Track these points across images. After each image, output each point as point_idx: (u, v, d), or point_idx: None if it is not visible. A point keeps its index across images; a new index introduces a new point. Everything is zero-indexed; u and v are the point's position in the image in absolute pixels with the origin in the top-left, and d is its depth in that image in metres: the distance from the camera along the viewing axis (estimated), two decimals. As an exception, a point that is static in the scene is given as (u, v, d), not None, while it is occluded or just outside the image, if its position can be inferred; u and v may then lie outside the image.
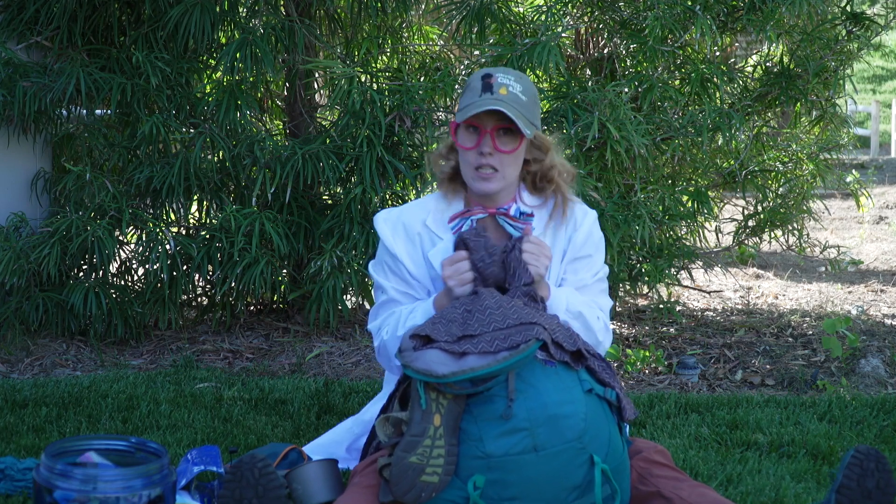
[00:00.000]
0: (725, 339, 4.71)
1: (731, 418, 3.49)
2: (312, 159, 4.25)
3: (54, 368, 4.19)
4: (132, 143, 4.45)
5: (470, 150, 2.60)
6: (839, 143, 5.12)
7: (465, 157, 2.62)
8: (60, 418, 3.42)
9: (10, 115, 4.38)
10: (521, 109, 2.58)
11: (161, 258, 4.29)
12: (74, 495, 2.42)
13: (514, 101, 2.57)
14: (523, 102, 2.59)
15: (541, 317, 2.42)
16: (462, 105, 2.60)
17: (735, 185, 5.03)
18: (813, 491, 2.86)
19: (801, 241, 5.18)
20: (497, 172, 2.60)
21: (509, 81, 2.60)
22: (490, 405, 2.32)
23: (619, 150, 4.12)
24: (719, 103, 4.56)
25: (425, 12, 5.07)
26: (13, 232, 4.37)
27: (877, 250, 7.65)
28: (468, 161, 2.61)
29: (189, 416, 3.46)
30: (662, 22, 4.22)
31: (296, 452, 2.88)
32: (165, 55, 4.41)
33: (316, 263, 4.25)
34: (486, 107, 2.53)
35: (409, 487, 2.28)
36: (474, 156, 2.60)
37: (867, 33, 4.65)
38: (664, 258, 4.58)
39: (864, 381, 4.10)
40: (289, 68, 4.68)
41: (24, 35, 4.47)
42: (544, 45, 4.11)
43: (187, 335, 4.59)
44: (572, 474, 2.33)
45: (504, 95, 2.56)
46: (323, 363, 4.32)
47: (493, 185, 2.61)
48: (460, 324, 2.41)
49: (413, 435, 2.30)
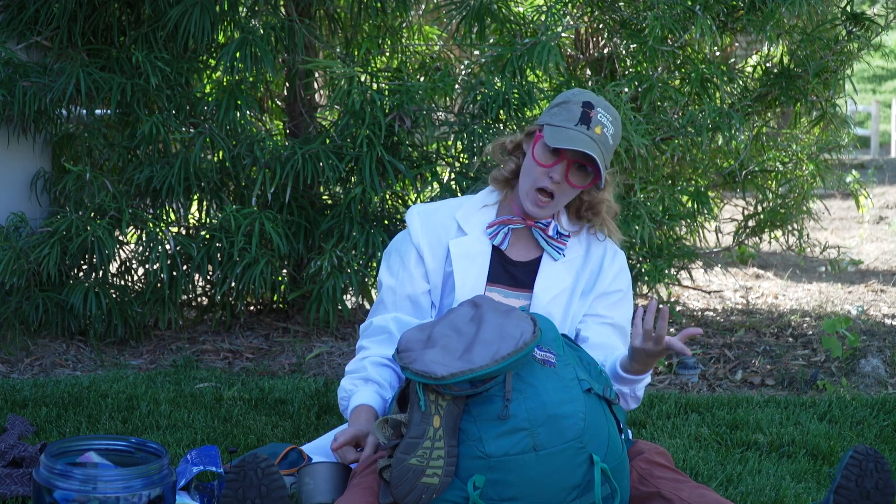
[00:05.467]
0: (725, 339, 4.71)
1: (731, 418, 3.49)
2: (312, 159, 4.26)
3: (54, 368, 4.19)
4: (132, 143, 4.45)
5: (542, 168, 2.59)
6: (839, 144, 5.12)
7: (531, 171, 2.61)
8: (60, 418, 3.42)
9: (9, 114, 4.38)
10: (607, 155, 2.58)
11: (161, 258, 4.29)
12: (74, 495, 2.42)
13: (604, 144, 2.57)
14: (610, 147, 2.59)
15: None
16: (555, 122, 2.57)
17: (735, 185, 5.03)
18: (813, 491, 2.86)
19: (801, 241, 5.18)
20: (553, 200, 2.60)
21: (606, 122, 2.58)
22: (489, 405, 2.32)
23: (619, 150, 4.12)
24: (719, 103, 4.56)
25: (425, 12, 5.07)
26: (13, 232, 4.37)
27: (877, 250, 7.65)
28: (533, 176, 2.60)
29: (189, 416, 3.46)
30: (662, 22, 4.22)
31: (296, 452, 2.88)
32: (165, 55, 4.41)
33: (316, 263, 4.25)
34: (579, 147, 2.51)
35: (410, 489, 2.28)
36: (542, 176, 2.59)
37: (867, 33, 4.65)
38: (664, 258, 4.58)
39: (864, 381, 4.10)
40: (289, 68, 4.68)
41: (24, 35, 4.47)
42: (544, 45, 4.11)
43: (187, 335, 4.59)
44: (572, 474, 2.33)
45: (598, 136, 2.55)
46: (323, 363, 4.32)
47: (544, 211, 2.63)
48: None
49: (412, 437, 2.30)
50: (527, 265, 2.70)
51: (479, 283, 2.65)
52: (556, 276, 2.68)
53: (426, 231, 2.71)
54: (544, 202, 2.61)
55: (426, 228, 2.71)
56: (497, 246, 2.68)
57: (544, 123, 2.61)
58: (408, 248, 2.71)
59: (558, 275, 2.68)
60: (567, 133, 2.55)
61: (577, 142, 2.53)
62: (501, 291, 2.66)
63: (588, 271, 2.72)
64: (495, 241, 2.68)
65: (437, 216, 2.73)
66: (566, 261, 2.69)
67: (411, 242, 2.71)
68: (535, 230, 2.67)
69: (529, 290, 2.67)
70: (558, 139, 2.54)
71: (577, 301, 2.71)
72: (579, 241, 2.73)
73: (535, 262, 2.70)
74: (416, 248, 2.70)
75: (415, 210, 2.75)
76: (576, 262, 2.71)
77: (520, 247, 2.70)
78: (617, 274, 2.73)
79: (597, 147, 2.55)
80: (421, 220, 2.72)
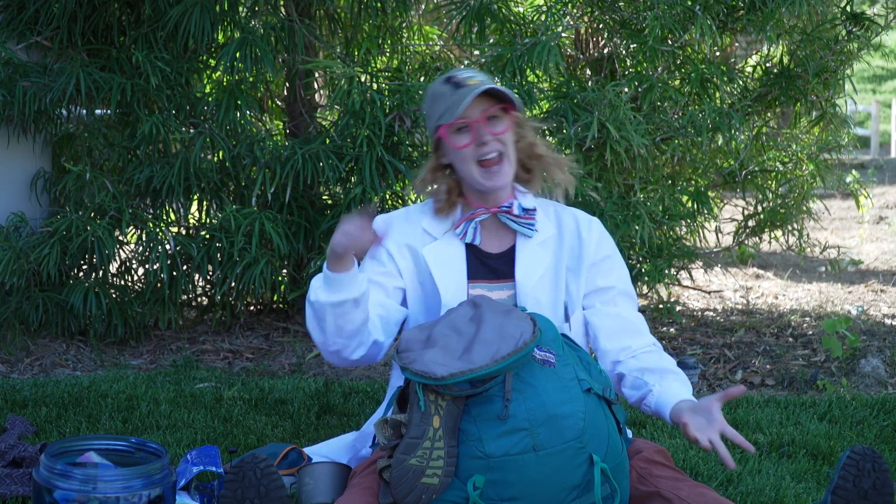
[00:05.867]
0: (725, 339, 4.71)
1: (731, 418, 3.49)
2: (312, 159, 4.26)
3: (54, 368, 4.19)
4: (132, 143, 4.45)
5: (468, 147, 2.59)
6: (839, 144, 5.12)
7: (463, 157, 2.60)
8: (60, 418, 3.42)
9: (9, 114, 4.38)
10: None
11: (161, 258, 4.29)
12: (74, 495, 2.42)
13: (487, 81, 2.57)
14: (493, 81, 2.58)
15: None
16: (440, 111, 2.58)
17: (735, 185, 5.03)
18: (813, 491, 2.86)
19: (801, 241, 5.18)
20: (500, 161, 2.59)
21: (472, 73, 2.60)
22: (489, 405, 2.32)
23: (619, 150, 4.13)
24: (719, 103, 4.56)
25: (425, 12, 5.07)
26: (13, 232, 4.37)
27: (877, 250, 7.65)
28: (468, 159, 2.59)
29: (189, 416, 3.46)
30: (662, 22, 4.23)
31: (296, 452, 2.88)
32: (165, 55, 4.41)
33: (316, 263, 4.25)
34: (471, 98, 2.52)
35: (410, 489, 2.28)
36: (474, 151, 2.58)
37: (867, 33, 4.66)
38: (664, 258, 4.58)
39: (864, 381, 4.10)
40: (289, 68, 4.68)
41: (24, 35, 4.47)
42: (544, 45, 4.11)
43: (187, 335, 4.60)
44: (572, 474, 2.33)
45: (477, 83, 2.56)
46: (323, 363, 4.32)
47: (503, 173, 2.60)
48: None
49: (412, 437, 2.30)
50: (503, 255, 2.68)
51: (460, 284, 2.64)
52: (535, 258, 2.66)
53: (394, 235, 2.69)
54: (494, 168, 2.60)
55: (394, 233, 2.70)
56: (470, 243, 2.67)
57: (437, 124, 2.61)
58: (377, 250, 2.69)
59: (536, 256, 2.66)
60: (454, 103, 2.54)
61: (466, 98, 2.53)
62: (484, 286, 2.65)
63: (567, 246, 2.69)
64: (466, 238, 2.66)
65: (403, 224, 2.71)
66: (542, 242, 2.67)
67: (380, 246, 2.68)
68: (501, 215, 2.66)
69: (512, 280, 2.66)
70: (454, 111, 2.54)
71: (570, 280, 2.69)
72: (548, 218, 2.71)
73: (511, 249, 2.68)
74: (386, 249, 2.68)
75: (378, 219, 2.73)
76: (551, 240, 2.69)
77: (492, 238, 2.69)
78: (599, 240, 2.71)
79: (483, 85, 2.55)
80: (385, 221, 2.71)
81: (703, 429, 2.36)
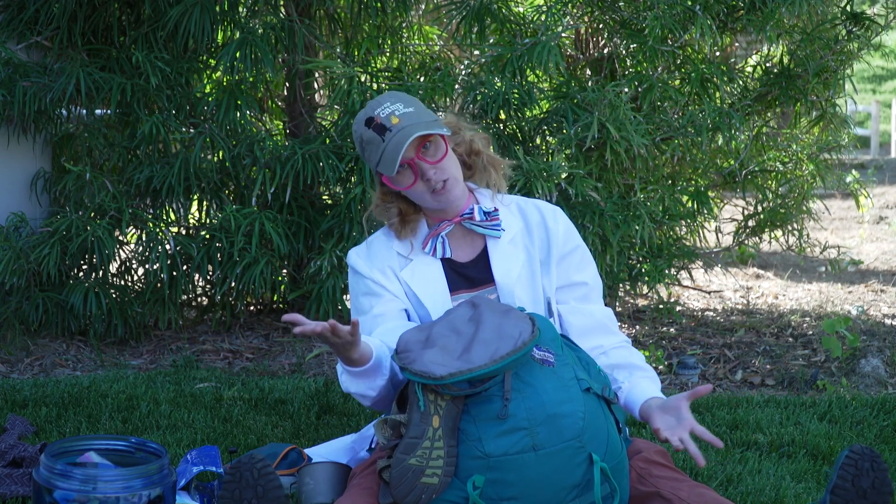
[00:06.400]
0: (725, 339, 4.71)
1: (731, 418, 3.49)
2: (312, 159, 4.26)
3: (54, 368, 4.19)
4: (132, 143, 4.45)
5: (416, 184, 2.60)
6: (839, 144, 5.12)
7: (415, 194, 2.61)
8: (60, 418, 3.42)
9: (9, 115, 4.38)
10: (422, 118, 2.58)
11: (161, 258, 4.29)
12: (74, 495, 2.42)
13: (410, 118, 2.56)
14: (414, 113, 2.58)
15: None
16: (375, 158, 2.58)
17: (735, 185, 5.03)
18: (813, 491, 2.86)
19: (801, 241, 5.18)
20: (446, 185, 2.60)
21: (390, 108, 2.58)
22: (488, 405, 2.32)
23: (619, 150, 4.13)
24: (719, 103, 4.56)
25: (425, 12, 5.07)
26: (13, 232, 4.37)
27: (877, 250, 7.65)
28: (420, 193, 2.60)
29: (189, 416, 3.46)
30: (662, 22, 4.23)
31: (296, 452, 2.88)
32: (165, 55, 4.41)
33: (316, 263, 4.25)
34: (401, 152, 2.52)
35: (409, 489, 2.28)
36: (423, 185, 2.59)
37: (867, 33, 4.66)
38: (664, 258, 4.58)
39: (864, 381, 4.10)
40: (289, 68, 4.69)
41: (24, 35, 4.47)
42: (544, 45, 4.11)
43: (187, 335, 4.60)
44: (571, 473, 2.33)
45: (399, 123, 2.55)
46: (323, 363, 4.32)
47: (454, 191, 2.61)
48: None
49: (412, 437, 2.30)
50: (477, 261, 2.69)
51: (444, 298, 2.65)
52: (508, 256, 2.67)
53: (373, 264, 2.69)
54: (443, 193, 2.60)
55: (372, 262, 2.69)
56: (443, 257, 2.68)
57: (374, 170, 2.63)
58: (364, 283, 2.69)
59: (509, 254, 2.67)
60: (387, 154, 2.55)
61: (397, 150, 2.53)
62: (466, 296, 2.65)
63: (537, 238, 2.70)
64: (437, 254, 2.67)
65: (376, 252, 2.71)
66: (511, 239, 2.68)
67: (365, 277, 2.69)
68: (465, 223, 2.67)
69: (491, 283, 2.67)
70: (390, 166, 2.55)
71: (542, 273, 2.69)
72: (512, 214, 2.72)
73: (484, 252, 2.69)
74: (371, 279, 2.69)
75: (352, 253, 2.73)
76: (519, 235, 2.70)
77: (462, 246, 2.69)
78: (566, 230, 2.72)
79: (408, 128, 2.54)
80: (364, 258, 2.71)
81: (672, 428, 2.42)
